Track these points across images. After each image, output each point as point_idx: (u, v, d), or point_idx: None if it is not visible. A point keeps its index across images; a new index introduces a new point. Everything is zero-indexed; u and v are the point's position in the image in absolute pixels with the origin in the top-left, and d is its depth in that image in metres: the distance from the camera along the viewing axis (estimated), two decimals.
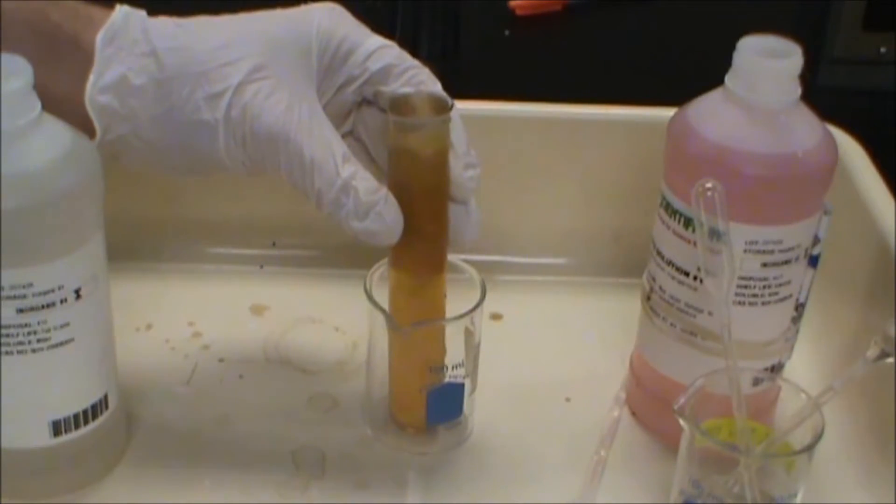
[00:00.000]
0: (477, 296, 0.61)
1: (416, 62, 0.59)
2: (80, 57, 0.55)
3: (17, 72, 0.51)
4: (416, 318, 0.60)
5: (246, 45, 0.55)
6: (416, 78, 0.58)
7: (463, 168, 0.58)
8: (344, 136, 0.59)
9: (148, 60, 0.55)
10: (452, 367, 0.62)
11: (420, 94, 0.57)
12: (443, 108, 0.57)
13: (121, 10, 0.57)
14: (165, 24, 0.57)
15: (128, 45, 0.55)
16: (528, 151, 0.76)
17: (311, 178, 0.55)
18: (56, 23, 0.56)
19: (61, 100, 0.55)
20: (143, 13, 0.57)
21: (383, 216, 0.55)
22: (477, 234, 0.59)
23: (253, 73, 0.55)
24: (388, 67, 0.58)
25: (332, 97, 0.58)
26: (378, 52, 0.58)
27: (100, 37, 0.55)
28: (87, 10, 0.57)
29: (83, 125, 0.55)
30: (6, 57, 0.51)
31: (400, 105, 0.57)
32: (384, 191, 0.56)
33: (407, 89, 0.57)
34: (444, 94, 0.58)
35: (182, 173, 0.59)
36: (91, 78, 0.55)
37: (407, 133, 0.56)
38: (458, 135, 0.58)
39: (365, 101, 0.60)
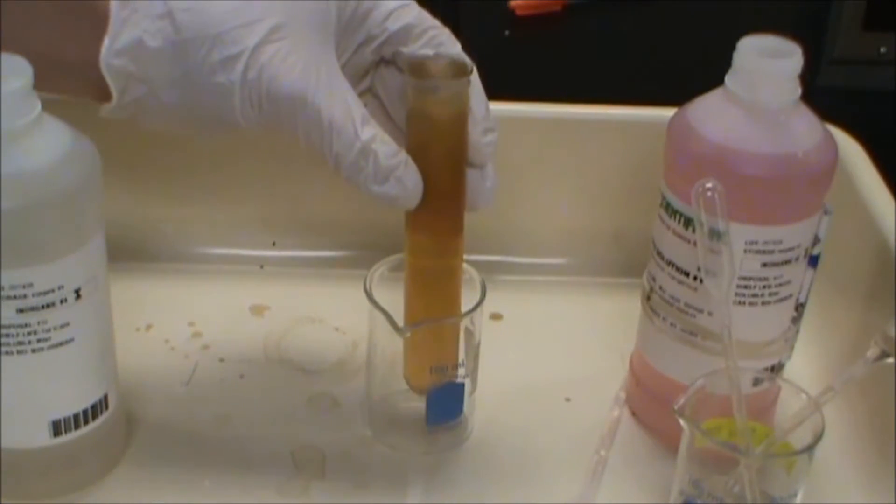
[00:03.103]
0: (477, 296, 0.61)
1: (436, 22, 0.58)
2: (95, 20, 0.54)
3: (17, 72, 0.51)
4: (431, 307, 0.59)
5: (263, 6, 0.54)
6: (437, 39, 0.57)
7: (481, 133, 0.57)
8: (361, 94, 0.58)
9: (163, 22, 0.54)
10: (452, 368, 0.62)
11: (439, 57, 0.56)
12: (462, 72, 0.56)
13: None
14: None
15: (143, 7, 0.54)
16: (528, 151, 0.76)
17: (329, 141, 0.54)
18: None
19: (77, 64, 0.54)
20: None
21: (403, 181, 0.54)
22: (492, 199, 0.59)
23: (270, 35, 0.54)
24: (408, 27, 0.57)
25: (350, 56, 0.58)
26: (398, 11, 0.57)
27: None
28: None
29: (99, 88, 0.54)
30: (6, 57, 0.51)
31: (419, 68, 0.56)
32: (404, 154, 0.55)
33: (426, 51, 0.57)
34: (464, 56, 0.57)
35: (201, 133, 0.58)
36: (106, 41, 0.54)
37: (425, 96, 0.55)
38: (477, 99, 0.57)
39: (384, 61, 0.59)
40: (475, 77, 0.57)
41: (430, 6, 0.58)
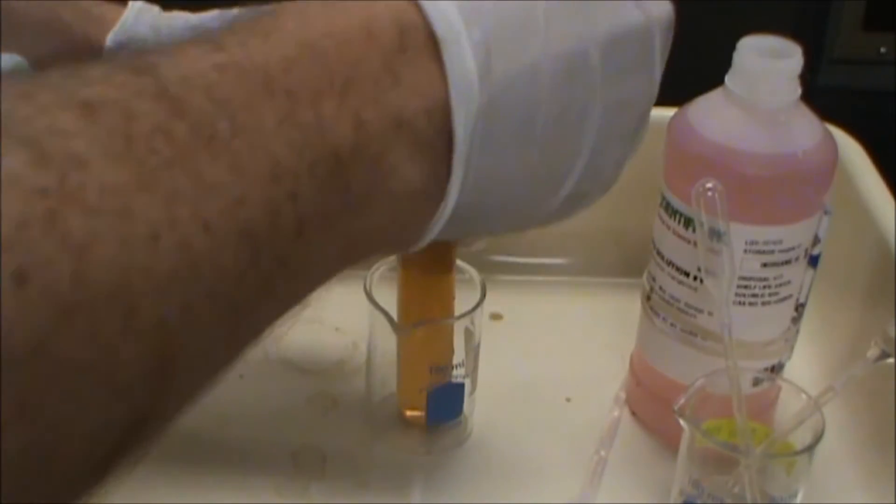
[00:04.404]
0: (477, 296, 0.61)
1: None
2: (92, 58, 0.55)
3: (18, 72, 0.51)
4: (425, 315, 0.60)
5: None
6: None
7: None
8: None
9: None
10: (453, 367, 0.62)
11: None
12: None
13: (132, 7, 0.56)
14: (177, 20, 0.56)
15: (137, 47, 0.55)
16: None
17: None
18: (67, 23, 0.55)
19: None
20: (156, 9, 0.57)
21: None
22: (485, 237, 0.59)
23: None
24: None
25: None
26: None
27: (109, 38, 0.55)
28: (99, 9, 0.56)
29: None
30: (6, 57, 0.51)
31: None
32: None
33: None
34: None
35: None
36: None
37: None
38: None
39: None
40: None
41: None
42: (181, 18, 0.56)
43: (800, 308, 0.62)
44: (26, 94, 0.27)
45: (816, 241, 0.60)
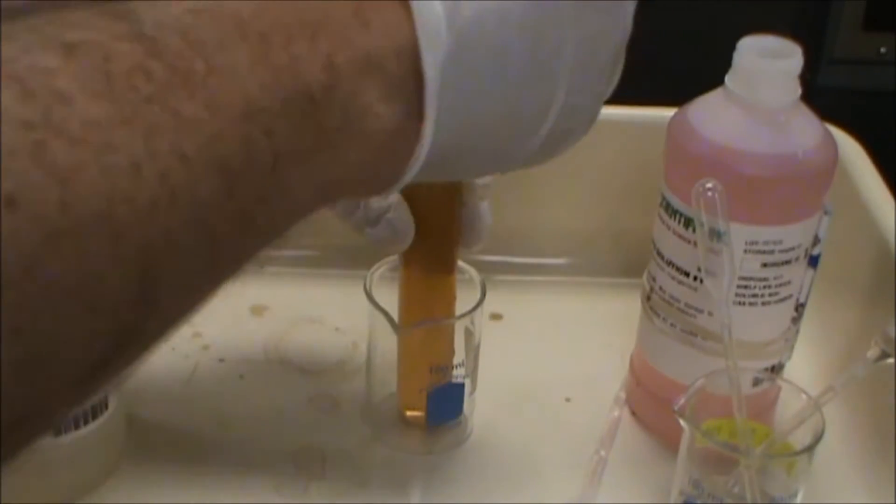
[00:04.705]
0: (477, 296, 0.61)
1: None
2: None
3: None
4: (426, 315, 0.60)
5: None
6: None
7: None
8: None
9: None
10: (453, 367, 0.62)
11: None
12: None
13: None
14: None
15: None
16: None
17: None
18: None
19: None
20: None
21: (394, 223, 0.55)
22: (487, 238, 0.59)
23: None
24: None
25: None
26: None
27: None
28: None
29: None
30: None
31: None
32: (395, 197, 0.55)
33: None
34: None
35: None
36: None
37: None
38: None
39: None
40: None
41: None
42: None
43: (800, 308, 0.62)
44: (8, 37, 0.28)
45: (816, 241, 0.60)
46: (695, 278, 0.60)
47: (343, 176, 0.37)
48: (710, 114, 0.59)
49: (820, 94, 0.66)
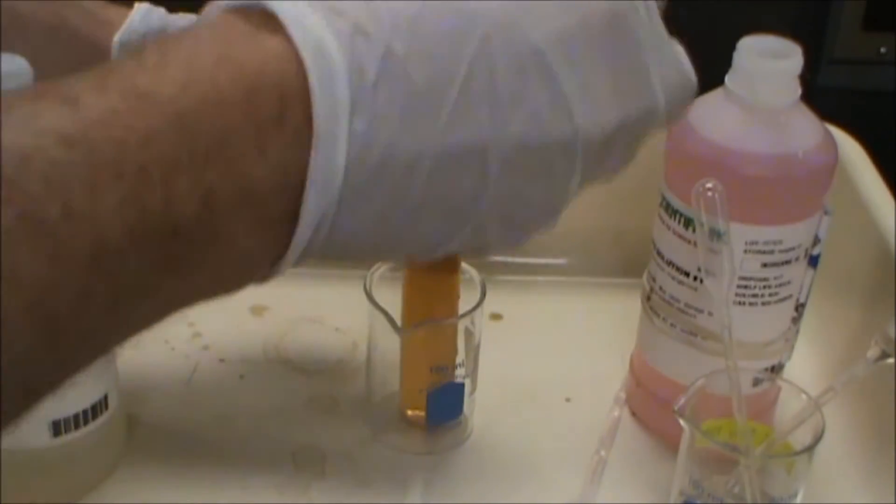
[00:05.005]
0: (477, 296, 0.61)
1: None
2: (99, 61, 0.54)
3: (17, 72, 0.51)
4: (429, 315, 0.60)
5: None
6: None
7: None
8: None
9: None
10: (454, 367, 0.62)
11: None
12: None
13: (139, 9, 0.56)
14: (183, 21, 0.56)
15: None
16: None
17: None
18: (74, 26, 0.55)
19: None
20: (161, 11, 0.56)
21: None
22: None
23: None
24: None
25: None
26: None
27: (115, 40, 0.55)
28: (105, 11, 0.56)
29: None
30: (6, 57, 0.51)
31: None
32: None
33: None
34: None
35: None
36: None
37: None
38: None
39: None
40: None
41: None
42: (187, 20, 0.56)
43: (800, 308, 0.62)
44: None
45: (816, 241, 0.60)
46: (695, 278, 0.60)
47: (193, 293, 0.35)
48: (710, 114, 0.59)
49: (820, 95, 0.66)
